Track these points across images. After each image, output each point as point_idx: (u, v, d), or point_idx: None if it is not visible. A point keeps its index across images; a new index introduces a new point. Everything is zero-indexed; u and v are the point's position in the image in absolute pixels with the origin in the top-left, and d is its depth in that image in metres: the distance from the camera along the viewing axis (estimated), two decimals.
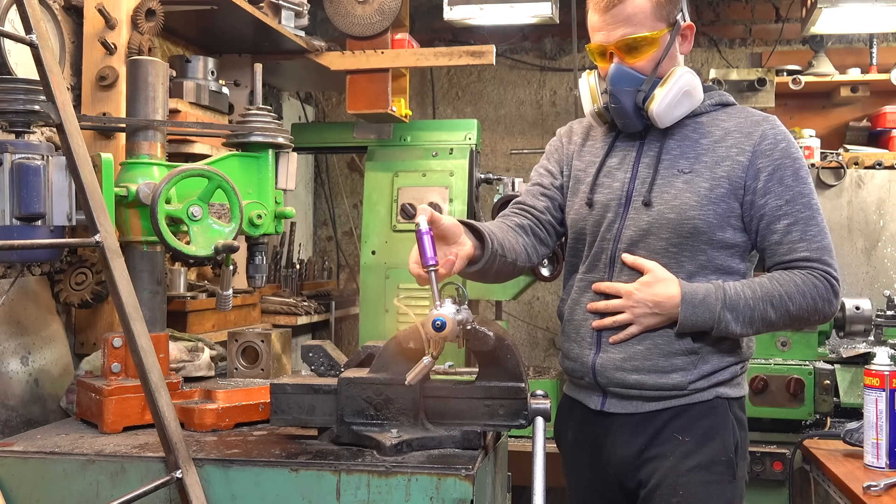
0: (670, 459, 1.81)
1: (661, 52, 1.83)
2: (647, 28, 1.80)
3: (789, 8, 4.18)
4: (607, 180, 1.91)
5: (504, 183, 3.17)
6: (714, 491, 1.81)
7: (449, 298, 1.62)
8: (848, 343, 3.29)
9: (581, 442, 1.96)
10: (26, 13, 1.58)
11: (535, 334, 4.42)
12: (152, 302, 1.96)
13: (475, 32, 4.19)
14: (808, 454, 2.51)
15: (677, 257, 1.83)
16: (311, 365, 1.85)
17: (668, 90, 1.81)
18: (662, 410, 1.84)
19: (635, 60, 1.83)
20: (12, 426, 2.01)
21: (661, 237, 1.83)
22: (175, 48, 2.71)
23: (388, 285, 3.05)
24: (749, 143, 1.83)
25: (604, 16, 1.82)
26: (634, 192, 1.87)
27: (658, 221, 1.83)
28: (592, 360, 1.88)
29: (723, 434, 1.83)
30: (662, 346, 1.82)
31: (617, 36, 1.81)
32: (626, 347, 1.84)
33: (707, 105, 1.91)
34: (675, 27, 1.85)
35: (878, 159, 3.65)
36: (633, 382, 1.84)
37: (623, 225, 1.87)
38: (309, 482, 1.59)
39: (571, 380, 2.00)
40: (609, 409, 1.88)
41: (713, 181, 1.82)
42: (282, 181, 2.09)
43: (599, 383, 1.88)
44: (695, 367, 1.82)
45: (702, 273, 1.83)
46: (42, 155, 1.80)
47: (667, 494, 1.80)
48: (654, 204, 1.83)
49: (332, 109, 4.62)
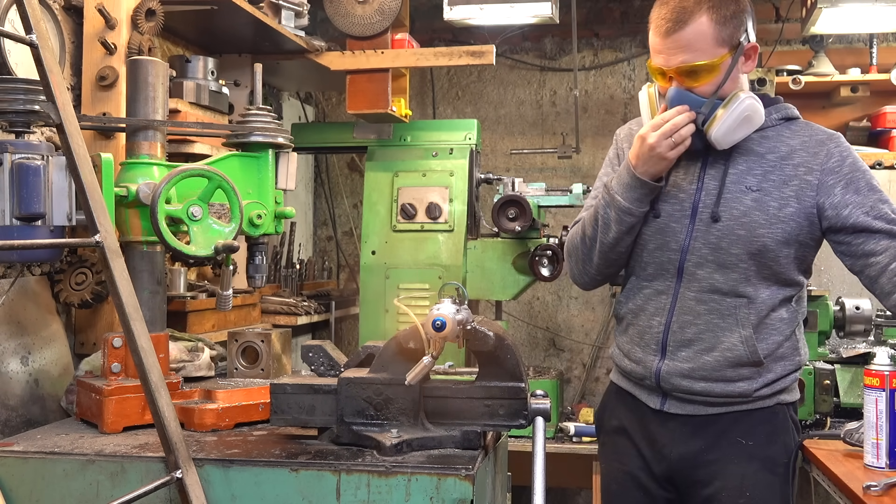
0: (735, 462, 1.86)
1: (723, 76, 1.80)
2: (707, 55, 1.77)
3: (789, 8, 4.17)
4: (673, 190, 1.90)
5: (504, 183, 3.17)
6: (778, 492, 1.88)
7: (449, 298, 1.62)
8: (848, 343, 3.28)
9: (632, 431, 1.98)
10: (26, 13, 1.58)
11: (535, 334, 4.42)
12: (152, 302, 1.96)
13: (475, 32, 4.18)
14: (808, 454, 2.51)
15: (746, 272, 1.84)
16: (311, 365, 1.85)
17: (728, 115, 1.79)
18: (724, 414, 1.89)
19: (695, 84, 1.81)
20: (12, 426, 2.01)
21: (731, 252, 1.84)
22: (175, 48, 2.71)
23: (388, 285, 3.06)
24: (817, 163, 1.84)
25: (664, 40, 1.79)
26: (701, 205, 1.87)
27: (728, 237, 1.83)
28: (657, 367, 1.90)
29: (784, 438, 1.90)
30: (732, 358, 1.85)
31: (677, 62, 1.79)
32: (693, 358, 1.87)
33: (773, 119, 1.90)
34: (739, 49, 1.80)
35: (878, 159, 3.65)
36: (699, 390, 1.87)
37: (691, 237, 1.86)
38: (309, 482, 1.59)
39: (628, 377, 2.00)
40: (669, 410, 1.92)
41: (781, 200, 1.83)
42: (282, 181, 2.09)
43: (662, 388, 1.91)
44: (760, 376, 1.86)
45: (766, 285, 1.86)
46: (42, 155, 1.80)
47: (733, 496, 1.85)
48: (723, 219, 1.84)
49: (332, 109, 4.62)
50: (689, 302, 1.87)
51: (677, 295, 1.89)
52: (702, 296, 1.86)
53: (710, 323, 1.86)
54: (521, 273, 3.06)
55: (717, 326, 1.86)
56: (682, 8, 1.77)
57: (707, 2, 1.76)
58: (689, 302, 1.88)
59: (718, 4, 1.77)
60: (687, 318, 1.88)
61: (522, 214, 2.98)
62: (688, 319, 1.87)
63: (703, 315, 1.86)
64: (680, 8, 1.77)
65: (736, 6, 1.79)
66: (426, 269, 3.04)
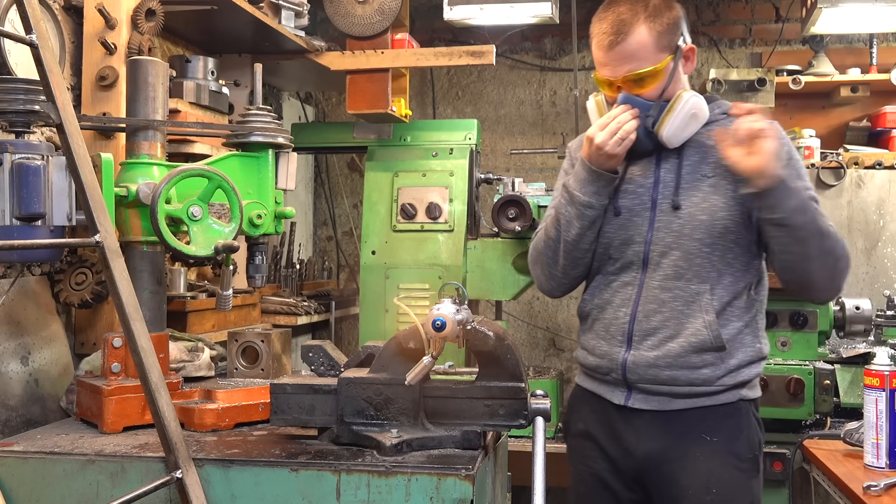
0: (700, 459, 1.89)
1: (667, 79, 1.90)
2: (650, 62, 1.88)
3: (789, 8, 4.17)
4: (631, 186, 1.98)
5: (504, 183, 3.17)
6: (744, 486, 1.90)
7: (449, 298, 1.62)
8: (848, 343, 3.29)
9: (596, 433, 2.00)
10: (26, 13, 1.58)
11: (535, 334, 4.41)
12: (152, 302, 1.96)
13: (475, 32, 4.18)
14: (808, 454, 2.51)
15: (710, 257, 1.90)
16: (311, 365, 1.85)
17: (676, 115, 1.89)
18: (688, 410, 1.91)
19: (642, 90, 1.91)
20: (12, 426, 2.01)
21: (694, 238, 1.90)
22: (175, 48, 2.71)
23: (388, 285, 3.05)
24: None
25: (608, 53, 1.89)
26: (660, 196, 1.94)
27: (690, 223, 1.90)
28: (623, 358, 1.94)
29: (748, 433, 1.93)
30: (696, 343, 1.89)
31: (623, 72, 1.89)
32: (659, 346, 1.91)
33: (716, 114, 1.99)
34: (678, 52, 1.91)
35: (878, 159, 3.65)
36: (665, 378, 1.91)
37: (654, 228, 1.93)
38: (309, 482, 1.59)
39: (592, 375, 2.04)
40: (633, 405, 1.94)
41: (736, 183, 1.88)
42: (282, 181, 2.09)
43: (628, 380, 1.94)
44: (722, 361, 1.90)
45: (729, 270, 1.91)
46: (42, 155, 1.80)
47: (699, 493, 1.87)
48: (684, 206, 1.91)
49: (332, 109, 4.62)
50: (654, 291, 1.93)
51: (643, 285, 1.94)
52: (666, 283, 1.92)
53: (675, 310, 1.91)
54: (521, 273, 3.05)
55: (681, 313, 1.90)
56: (621, 21, 1.87)
57: (643, 12, 1.87)
58: (653, 291, 1.93)
59: (654, 14, 1.87)
60: (652, 306, 1.92)
61: (522, 214, 2.98)
62: (653, 308, 1.92)
63: (668, 303, 1.91)
64: (619, 21, 1.87)
65: (670, 13, 1.90)
66: (426, 269, 3.04)
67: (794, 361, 3.05)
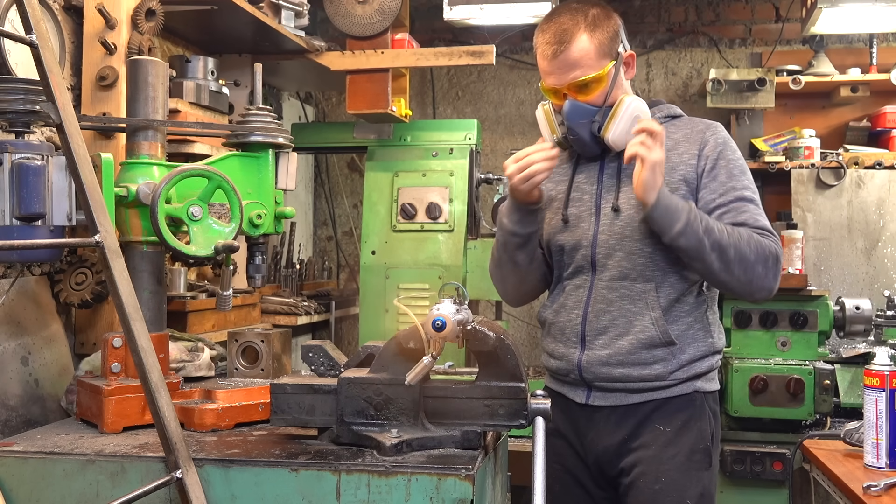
0: (652, 449, 1.94)
1: (609, 84, 1.96)
2: (594, 69, 1.94)
3: (789, 8, 4.18)
4: (577, 194, 2.05)
5: (504, 183, 3.17)
6: (693, 477, 1.93)
7: (449, 298, 1.62)
8: (848, 343, 3.29)
9: (565, 431, 2.05)
10: (26, 13, 1.58)
11: (535, 334, 4.41)
12: (152, 302, 1.96)
13: (475, 32, 4.19)
14: (808, 454, 2.51)
15: (652, 256, 1.95)
16: (311, 365, 1.85)
17: (620, 118, 1.94)
18: (644, 403, 1.96)
19: (587, 97, 1.97)
20: (12, 426, 2.01)
21: (634, 239, 1.95)
22: (175, 48, 2.71)
23: (388, 285, 3.05)
24: (695, 149, 1.99)
25: (552, 62, 1.95)
26: (602, 201, 2.01)
27: (630, 226, 1.96)
28: (578, 358, 1.99)
29: (700, 424, 1.96)
30: (644, 340, 1.94)
31: (567, 80, 1.95)
32: (610, 344, 1.96)
33: (658, 118, 2.05)
34: (619, 59, 1.98)
35: (878, 159, 3.65)
36: (618, 376, 1.95)
37: (597, 231, 1.99)
38: (309, 482, 1.59)
39: (555, 377, 2.10)
40: (594, 402, 2.00)
41: (672, 185, 1.94)
42: (282, 181, 2.09)
43: (585, 379, 1.99)
44: (674, 356, 1.94)
45: (673, 269, 1.95)
46: (42, 155, 1.80)
47: (649, 482, 1.92)
48: (623, 210, 1.97)
49: (332, 109, 4.62)
50: (602, 291, 1.98)
51: (592, 286, 2.00)
52: (613, 284, 1.97)
53: (623, 308, 1.96)
54: None
55: (628, 311, 1.95)
56: (563, 31, 1.93)
57: (583, 21, 1.94)
58: (601, 291, 1.98)
59: (593, 22, 1.94)
60: (601, 306, 1.98)
61: None
62: (602, 308, 1.97)
63: (615, 302, 1.96)
64: (561, 31, 1.94)
65: (608, 21, 1.96)
66: (426, 269, 3.04)
67: (794, 361, 3.05)
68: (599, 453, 2.00)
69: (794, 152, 3.81)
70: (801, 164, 3.76)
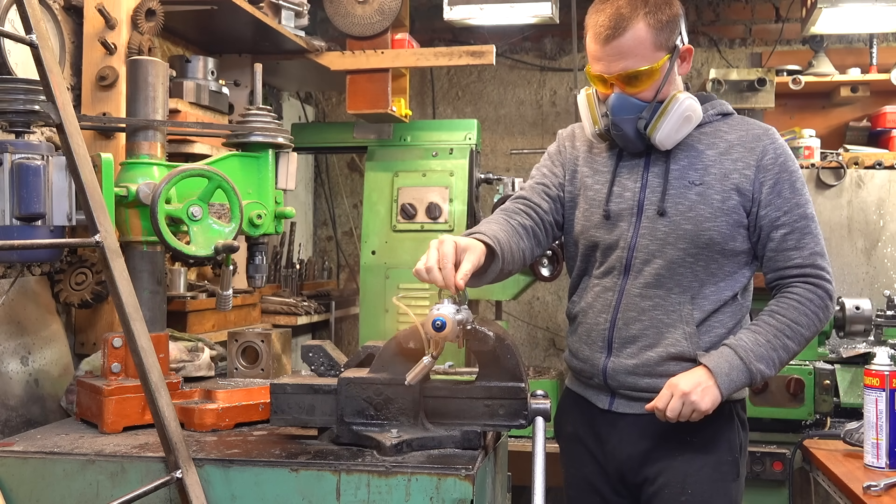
0: (679, 459, 1.86)
1: (662, 79, 1.84)
2: (647, 60, 1.80)
3: (789, 8, 4.17)
4: (618, 189, 1.93)
5: (504, 183, 3.17)
6: (721, 489, 1.87)
7: (449, 298, 1.62)
8: (848, 343, 3.28)
9: (584, 436, 1.99)
10: (26, 13, 1.58)
11: (535, 334, 4.41)
12: (152, 302, 1.96)
13: (475, 32, 4.19)
14: (808, 454, 2.51)
15: (693, 266, 1.86)
16: (311, 365, 1.85)
17: (669, 117, 1.84)
18: None
19: (636, 90, 1.84)
20: (12, 426, 2.01)
21: (678, 247, 1.86)
22: (175, 48, 2.71)
23: (388, 285, 3.05)
24: (753, 158, 1.87)
25: (604, 47, 1.81)
26: (646, 202, 1.89)
27: (675, 232, 1.85)
28: (604, 364, 1.91)
29: (728, 435, 1.90)
30: (675, 353, 1.85)
31: (618, 69, 1.82)
32: (639, 354, 1.88)
33: (710, 115, 1.94)
34: (675, 52, 1.85)
35: (878, 159, 3.65)
36: (644, 386, 1.87)
37: (638, 234, 1.89)
38: (309, 482, 1.59)
39: (579, 378, 2.03)
40: (617, 409, 1.92)
41: (724, 193, 1.85)
42: (282, 181, 2.09)
43: (609, 385, 1.92)
44: None
45: (712, 280, 1.87)
46: (42, 155, 1.80)
47: (675, 493, 1.85)
48: (670, 214, 1.86)
49: (332, 109, 4.62)
50: (634, 298, 1.88)
51: (623, 292, 1.90)
52: (647, 291, 1.87)
53: (655, 319, 1.87)
54: (521, 273, 3.05)
55: (661, 322, 1.87)
56: (620, 15, 1.79)
57: (643, 8, 1.79)
58: (633, 298, 1.89)
59: (654, 10, 1.80)
60: (632, 314, 1.89)
61: None
62: (633, 316, 1.88)
63: (647, 311, 1.87)
64: (617, 15, 1.79)
65: (670, 10, 1.82)
66: None
67: (793, 361, 3.04)
68: (622, 461, 1.92)
69: (794, 152, 3.79)
70: (801, 164, 3.75)
